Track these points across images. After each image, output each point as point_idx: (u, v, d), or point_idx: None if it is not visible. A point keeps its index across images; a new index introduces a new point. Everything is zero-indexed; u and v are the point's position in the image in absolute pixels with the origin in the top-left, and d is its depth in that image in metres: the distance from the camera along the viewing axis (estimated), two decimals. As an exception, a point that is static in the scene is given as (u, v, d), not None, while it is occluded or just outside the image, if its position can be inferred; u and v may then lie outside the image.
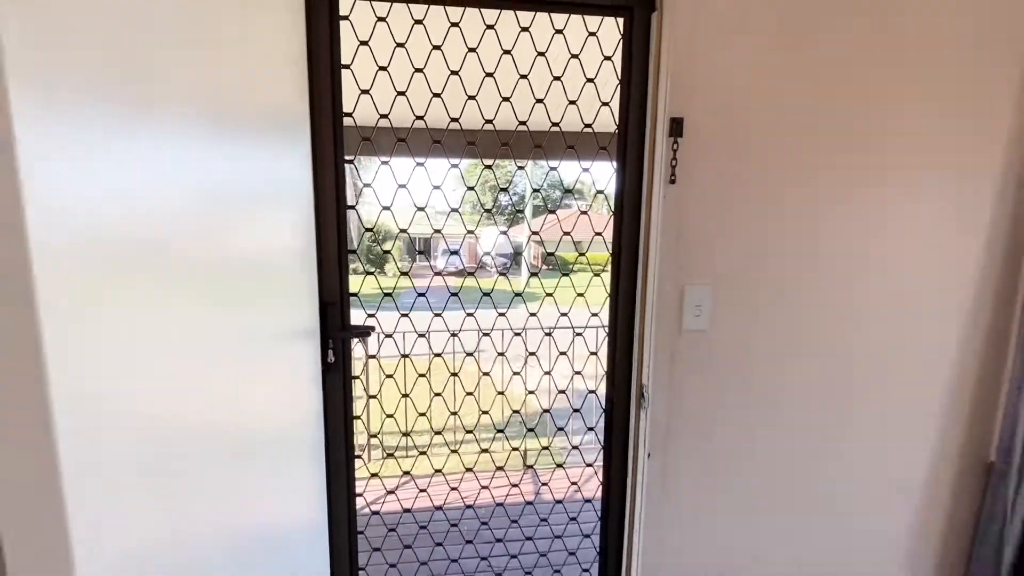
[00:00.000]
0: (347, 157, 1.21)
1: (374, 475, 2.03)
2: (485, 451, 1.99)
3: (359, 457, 2.20)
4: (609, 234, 1.33)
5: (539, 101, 1.35)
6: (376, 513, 1.85)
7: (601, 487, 1.43)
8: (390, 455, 3.30)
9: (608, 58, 1.29)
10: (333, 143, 1.15)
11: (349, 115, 1.19)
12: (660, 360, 1.24)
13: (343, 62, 1.14)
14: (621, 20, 1.20)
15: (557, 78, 1.34)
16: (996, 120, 1.26)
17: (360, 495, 1.39)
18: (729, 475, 1.33)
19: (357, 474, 1.35)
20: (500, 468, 1.85)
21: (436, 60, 1.24)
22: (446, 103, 1.33)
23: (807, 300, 1.28)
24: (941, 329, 1.34)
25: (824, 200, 1.24)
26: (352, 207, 1.27)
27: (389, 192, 1.49)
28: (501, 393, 2.07)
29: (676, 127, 1.14)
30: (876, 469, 1.39)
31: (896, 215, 1.27)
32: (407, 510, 1.73)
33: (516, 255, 10.92)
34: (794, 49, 1.17)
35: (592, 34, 1.28)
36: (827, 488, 1.38)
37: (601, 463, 1.42)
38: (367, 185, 1.48)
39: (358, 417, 1.37)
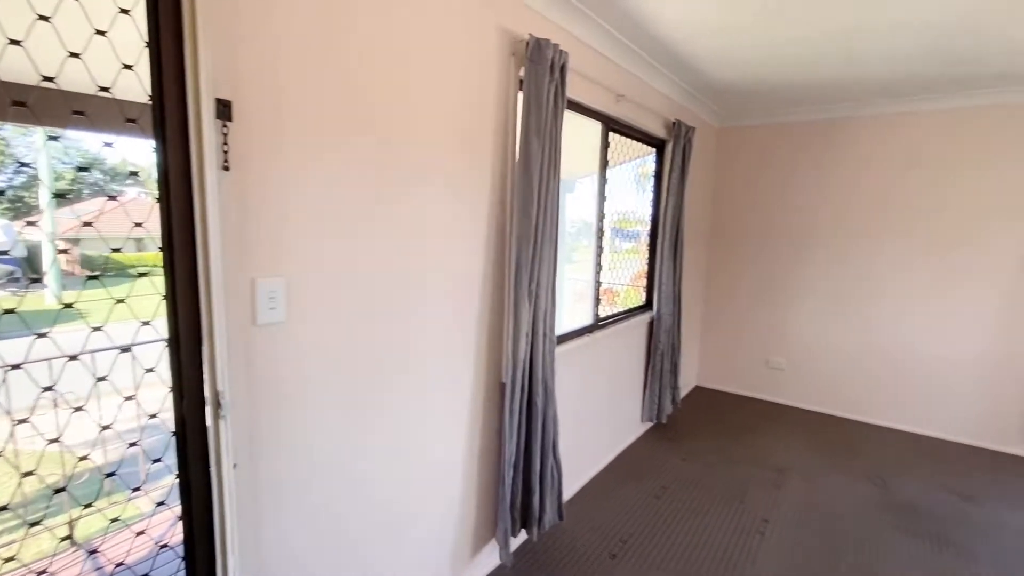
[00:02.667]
0: None
1: None
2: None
3: None
4: (154, 226, 1.12)
5: (15, 43, 0.98)
6: None
7: (182, 521, 1.22)
8: None
9: (125, 11, 1.07)
10: None
11: None
12: (236, 361, 1.16)
13: None
14: (139, -30, 1.02)
15: (44, 18, 1.01)
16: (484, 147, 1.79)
17: None
18: (326, 467, 1.39)
19: None
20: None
21: None
22: None
23: (378, 284, 1.47)
24: (464, 300, 1.81)
25: (381, 191, 1.44)
26: None
27: None
28: None
29: (224, 110, 1.06)
30: (437, 408, 1.76)
31: (434, 214, 1.62)
32: None
33: (26, 259, 7.69)
34: (337, 32, 1.29)
35: (99, -26, 1.03)
36: (407, 442, 1.65)
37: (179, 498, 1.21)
38: None
39: None
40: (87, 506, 2.24)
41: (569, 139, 2.77)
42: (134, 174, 1.31)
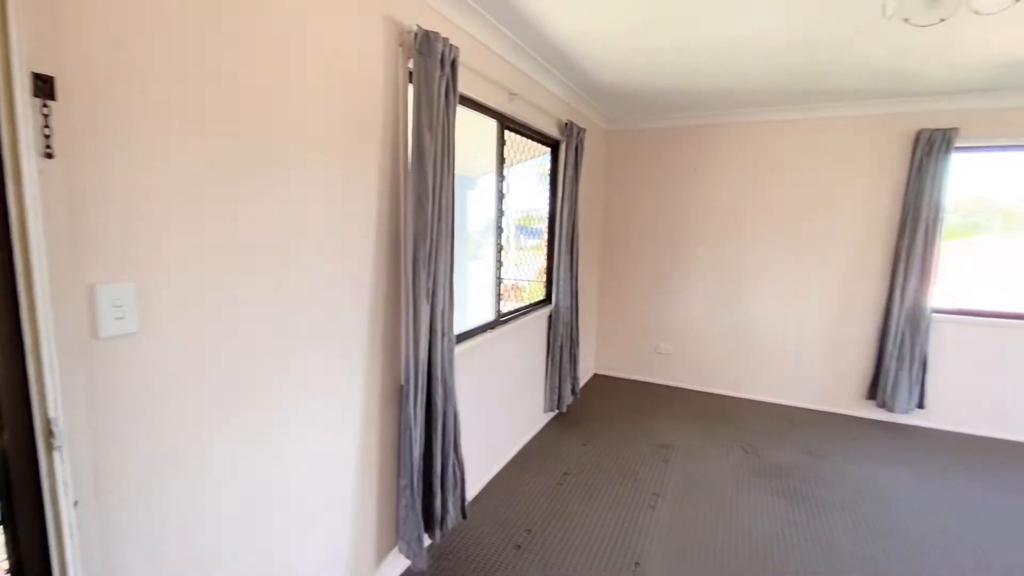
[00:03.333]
0: None
1: None
2: None
3: None
4: (-50, 223, 0.92)
5: None
6: None
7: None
8: None
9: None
10: None
11: None
12: (73, 382, 0.99)
13: None
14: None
15: None
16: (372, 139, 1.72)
17: None
18: (189, 496, 1.24)
19: None
20: None
21: None
22: None
23: (255, 286, 1.34)
24: (355, 301, 1.73)
25: (254, 184, 1.32)
26: None
27: None
28: None
29: (44, 86, 0.90)
30: (326, 416, 1.66)
31: (317, 210, 1.52)
32: None
33: None
34: (198, 8, 1.15)
35: None
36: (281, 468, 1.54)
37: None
38: None
39: None
40: None
41: (467, 136, 2.77)
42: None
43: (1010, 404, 3.47)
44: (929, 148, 3.38)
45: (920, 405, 3.58)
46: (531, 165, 3.51)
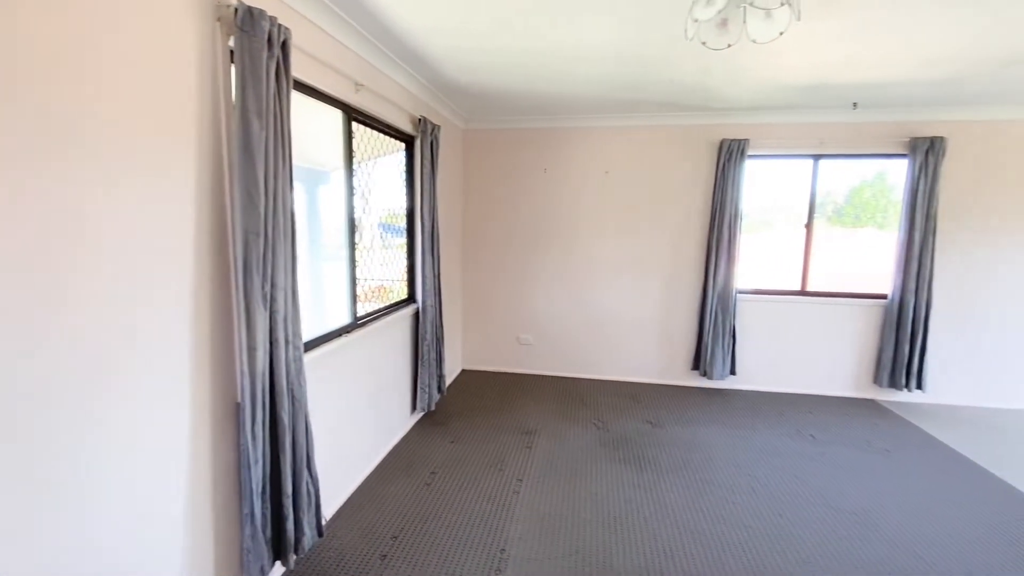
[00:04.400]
0: None
1: None
2: None
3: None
4: None
5: None
6: None
7: None
8: None
9: None
10: None
11: None
12: None
13: None
14: None
15: None
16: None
17: None
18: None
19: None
20: None
21: None
22: None
23: (30, 297, 1.07)
24: (171, 309, 1.50)
25: (31, 176, 1.05)
26: None
27: None
28: None
29: None
30: (142, 447, 1.42)
31: (114, 205, 1.27)
32: None
33: None
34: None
35: None
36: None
37: None
38: None
39: None
40: None
41: (319, 128, 2.57)
42: None
43: (793, 364, 4.32)
44: (729, 155, 4.02)
45: (732, 372, 4.27)
46: (395, 161, 3.40)
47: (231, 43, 1.65)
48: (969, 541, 2.35)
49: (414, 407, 3.55)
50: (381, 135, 3.10)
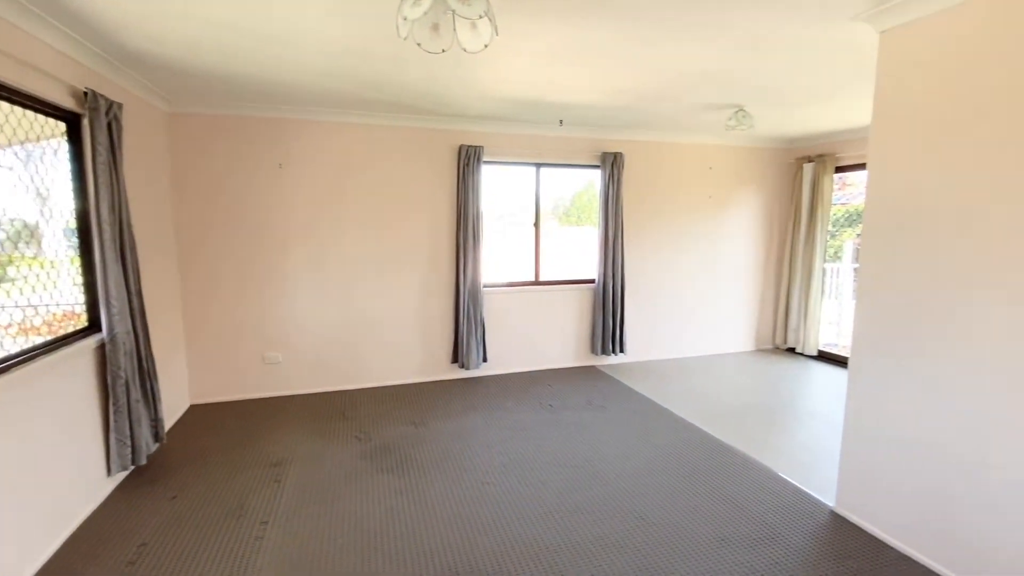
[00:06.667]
0: None
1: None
2: None
3: None
4: None
5: None
6: None
7: None
8: None
9: None
10: None
11: None
12: None
13: None
14: None
15: None
16: None
17: None
18: None
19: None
20: None
21: None
22: None
23: None
24: None
25: None
26: None
27: None
28: None
29: None
30: None
31: None
32: None
33: None
34: None
35: None
36: None
37: None
38: None
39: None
40: None
41: None
42: None
43: (534, 345, 4.92)
44: (467, 160, 4.31)
45: (484, 359, 4.62)
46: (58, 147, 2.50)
47: None
48: (649, 461, 3.06)
49: (114, 466, 2.74)
50: (16, 108, 2.26)
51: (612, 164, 4.76)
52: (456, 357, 4.56)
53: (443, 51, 2.02)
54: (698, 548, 2.25)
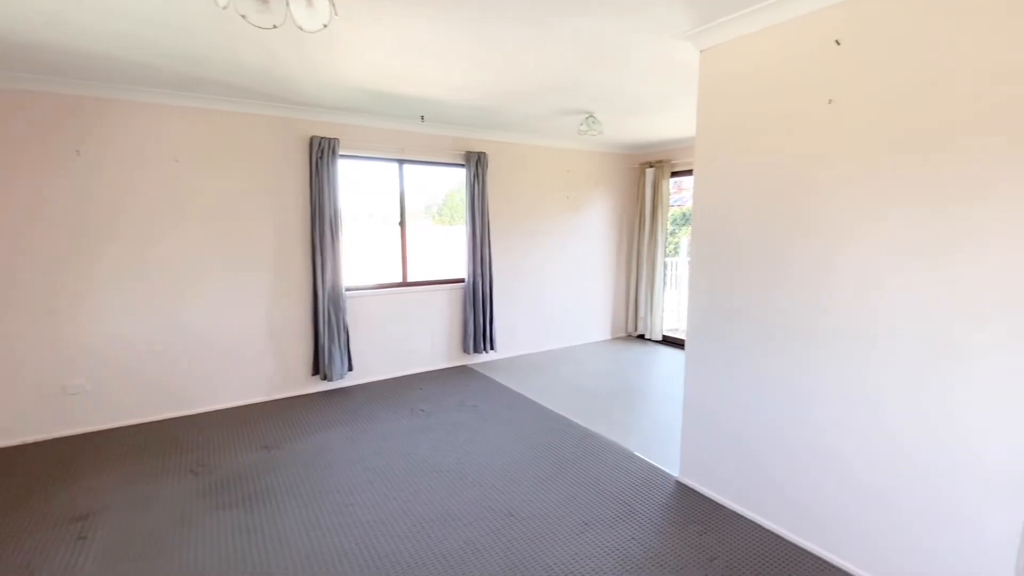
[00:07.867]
0: None
1: None
2: None
3: None
4: None
5: None
6: None
7: None
8: None
9: None
10: None
11: None
12: None
13: None
14: None
15: None
16: None
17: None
18: None
19: None
20: None
21: None
22: None
23: None
24: None
25: None
26: None
27: None
28: None
29: None
30: None
31: None
32: None
33: None
34: None
35: None
36: None
37: None
38: None
39: None
40: None
41: None
42: None
43: (403, 349, 4.73)
44: (321, 153, 3.97)
45: (350, 368, 4.32)
46: None
47: None
48: (520, 456, 3.11)
49: None
50: None
51: (477, 163, 4.77)
52: (317, 368, 4.19)
53: (274, 27, 1.80)
54: (563, 536, 2.33)
